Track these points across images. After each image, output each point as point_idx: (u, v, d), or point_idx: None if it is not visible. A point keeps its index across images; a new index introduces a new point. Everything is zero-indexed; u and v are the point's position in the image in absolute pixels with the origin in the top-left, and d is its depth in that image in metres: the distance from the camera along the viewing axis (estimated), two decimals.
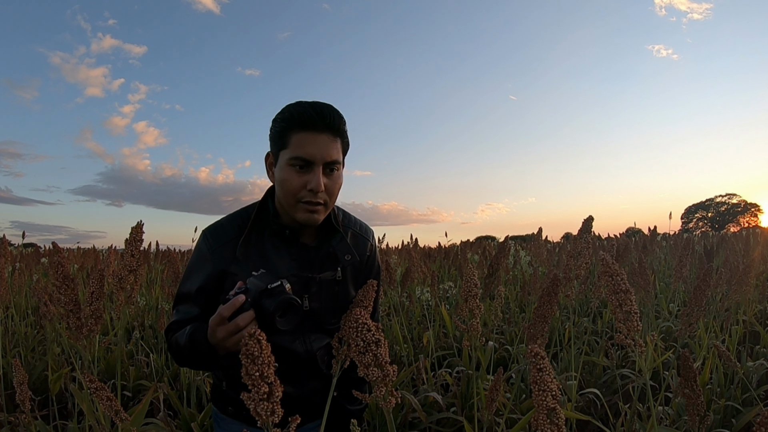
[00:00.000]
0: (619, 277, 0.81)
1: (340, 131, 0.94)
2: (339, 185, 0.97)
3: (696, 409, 1.16)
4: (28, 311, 3.32)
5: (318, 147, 0.91)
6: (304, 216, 0.94)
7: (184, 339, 0.91)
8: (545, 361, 0.54)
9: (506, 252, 2.12)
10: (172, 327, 0.99)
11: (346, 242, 1.04)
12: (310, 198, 0.92)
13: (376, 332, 0.65)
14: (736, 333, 2.22)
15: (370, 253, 1.12)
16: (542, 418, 0.53)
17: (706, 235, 9.62)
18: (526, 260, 4.04)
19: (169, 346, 0.98)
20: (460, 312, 1.07)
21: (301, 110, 0.91)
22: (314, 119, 0.90)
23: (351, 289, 1.07)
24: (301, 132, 0.91)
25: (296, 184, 0.92)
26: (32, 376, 2.24)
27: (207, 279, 0.97)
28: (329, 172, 0.94)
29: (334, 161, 0.93)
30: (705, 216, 41.71)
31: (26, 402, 1.23)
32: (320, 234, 1.03)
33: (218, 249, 0.97)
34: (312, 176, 0.91)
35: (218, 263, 0.97)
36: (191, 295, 0.98)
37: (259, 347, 0.52)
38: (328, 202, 0.95)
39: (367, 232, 1.13)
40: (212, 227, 1.02)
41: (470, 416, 1.77)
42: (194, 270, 1.00)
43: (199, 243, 1.02)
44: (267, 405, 0.53)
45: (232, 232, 0.99)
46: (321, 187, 0.91)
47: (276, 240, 0.99)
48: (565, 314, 2.81)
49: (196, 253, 1.02)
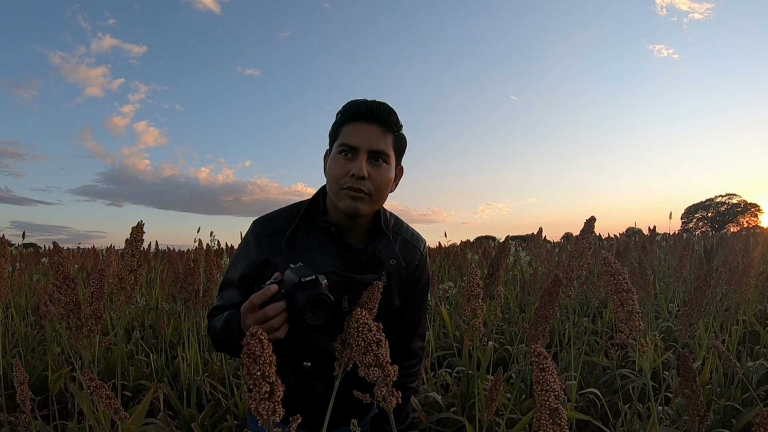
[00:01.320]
0: (620, 277, 0.81)
1: (390, 125, 0.95)
2: (387, 179, 0.96)
3: (696, 409, 1.16)
4: (28, 311, 3.32)
5: (364, 135, 0.93)
6: (345, 203, 0.93)
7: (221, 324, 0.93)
8: (548, 361, 0.54)
9: (506, 252, 2.12)
10: (214, 312, 1.00)
11: (392, 247, 1.02)
12: (353, 184, 0.91)
13: (377, 332, 0.65)
14: (736, 333, 2.22)
15: (419, 262, 1.09)
16: (545, 419, 0.53)
17: (706, 235, 9.63)
18: (526, 260, 4.04)
19: (209, 330, 1.00)
20: (462, 311, 1.06)
21: (354, 103, 0.95)
22: (363, 110, 0.93)
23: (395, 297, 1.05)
24: (352, 123, 0.94)
25: (341, 171, 0.93)
26: (32, 376, 2.24)
27: (250, 267, 0.99)
28: (375, 161, 0.94)
29: (380, 151, 0.93)
30: (705, 216, 41.73)
31: (26, 402, 1.23)
32: (368, 236, 1.02)
33: (264, 240, 0.99)
34: (356, 162, 0.92)
35: (262, 252, 0.98)
36: (234, 281, 1.00)
37: (260, 346, 0.52)
38: (372, 193, 0.94)
39: (419, 240, 1.11)
40: (261, 219, 1.03)
41: (470, 416, 1.77)
42: (239, 258, 1.02)
43: (247, 233, 1.04)
44: (268, 404, 0.53)
45: (281, 225, 1.00)
46: (363, 172, 0.90)
47: (322, 237, 0.99)
48: (565, 314, 2.82)
49: (243, 243, 1.04)
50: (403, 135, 1.00)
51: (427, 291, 1.14)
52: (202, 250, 2.73)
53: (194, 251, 3.03)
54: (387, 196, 1.00)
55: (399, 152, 1.00)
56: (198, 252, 2.86)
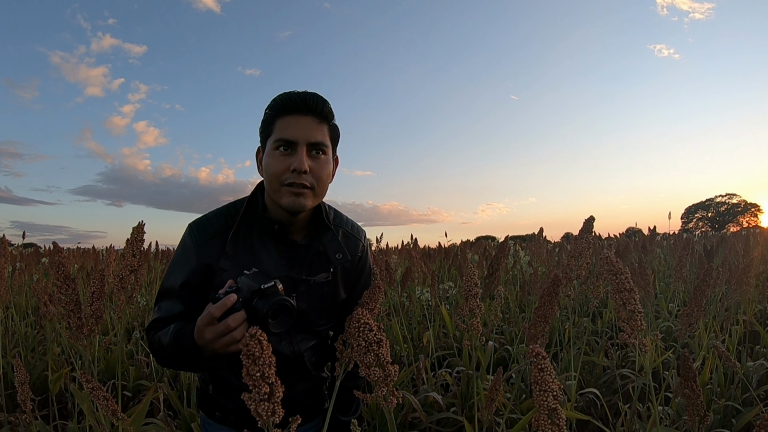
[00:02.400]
0: (623, 276, 0.81)
1: (324, 115, 0.93)
2: (327, 172, 0.95)
3: (696, 409, 1.16)
4: (28, 311, 3.32)
5: (301, 128, 0.91)
6: (288, 200, 0.91)
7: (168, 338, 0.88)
8: (546, 361, 0.54)
9: (506, 252, 2.12)
10: (154, 325, 0.95)
11: (337, 241, 1.02)
12: (294, 179, 0.90)
13: (378, 332, 0.65)
14: (736, 333, 2.22)
15: (362, 254, 1.09)
16: (543, 419, 0.54)
17: (706, 235, 9.63)
18: (525, 260, 4.04)
19: (151, 345, 0.95)
20: (461, 311, 1.07)
21: (285, 96, 0.92)
22: (297, 103, 0.91)
23: (341, 290, 1.05)
24: (286, 116, 0.92)
25: (280, 167, 0.90)
26: (32, 376, 2.23)
27: (191, 273, 0.94)
28: (315, 154, 0.92)
29: (319, 143, 0.92)
30: (705, 216, 41.71)
31: (27, 402, 1.23)
32: (311, 231, 1.01)
33: (204, 243, 0.95)
34: (295, 157, 0.90)
35: (204, 257, 0.94)
36: (174, 290, 0.95)
37: (260, 348, 0.52)
38: (315, 186, 0.92)
39: (359, 232, 1.10)
40: (198, 221, 0.99)
41: (470, 416, 1.77)
42: (178, 265, 0.96)
43: (184, 237, 0.98)
44: (268, 405, 0.53)
45: (220, 227, 0.96)
46: (304, 166, 0.89)
47: (265, 236, 0.97)
48: (565, 314, 2.81)
49: (181, 248, 0.98)
50: (336, 125, 0.98)
51: (371, 280, 1.13)
52: None
53: None
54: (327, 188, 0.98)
55: (335, 142, 0.99)
56: None
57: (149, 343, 0.96)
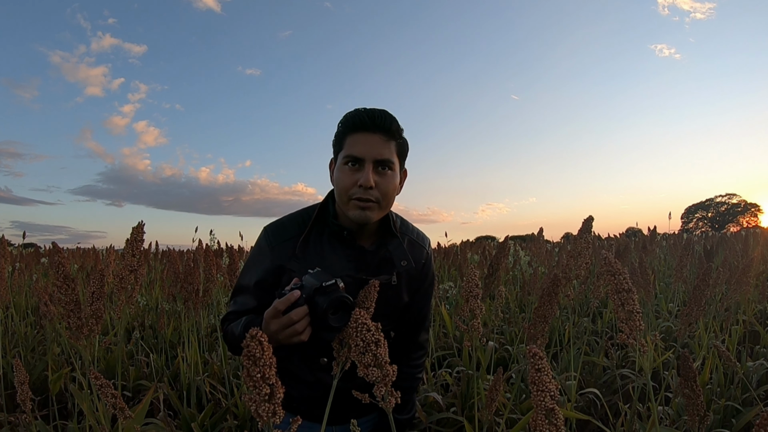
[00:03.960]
0: (621, 276, 0.81)
1: (391, 133, 0.97)
2: (393, 186, 0.99)
3: (696, 409, 1.16)
4: (28, 311, 3.33)
5: (369, 145, 0.95)
6: (356, 213, 0.96)
7: (240, 329, 0.95)
8: (544, 362, 0.54)
9: (506, 252, 2.12)
10: (229, 317, 1.02)
11: (403, 248, 1.06)
12: (361, 195, 0.95)
13: (376, 332, 0.65)
14: (736, 333, 2.22)
15: (426, 260, 1.14)
16: (541, 419, 0.54)
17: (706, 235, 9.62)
18: (525, 260, 4.04)
19: (224, 336, 1.02)
20: (461, 312, 1.07)
21: (355, 114, 0.97)
22: (365, 121, 0.96)
23: (404, 294, 1.08)
24: (355, 133, 0.97)
25: (348, 182, 0.96)
26: (32, 376, 2.24)
27: (265, 273, 1.00)
28: (381, 170, 0.97)
29: (385, 159, 0.96)
30: (705, 216, 41.71)
31: (27, 402, 1.23)
32: (378, 238, 1.06)
33: (278, 246, 1.01)
34: (362, 173, 0.95)
35: (277, 259, 1.00)
36: (249, 287, 1.02)
37: (260, 349, 0.52)
38: (381, 200, 0.97)
39: (424, 240, 1.15)
40: (273, 225, 1.06)
41: (470, 416, 1.77)
42: (253, 264, 1.03)
43: (260, 239, 1.05)
44: (268, 406, 0.53)
45: (293, 231, 1.02)
46: (370, 183, 0.93)
47: (334, 241, 1.02)
48: (565, 314, 2.81)
49: (257, 249, 1.06)
50: (405, 140, 1.03)
51: (433, 286, 1.19)
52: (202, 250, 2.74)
53: (194, 251, 3.04)
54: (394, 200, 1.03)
55: (402, 157, 1.03)
56: (198, 252, 2.86)
57: (223, 333, 1.03)
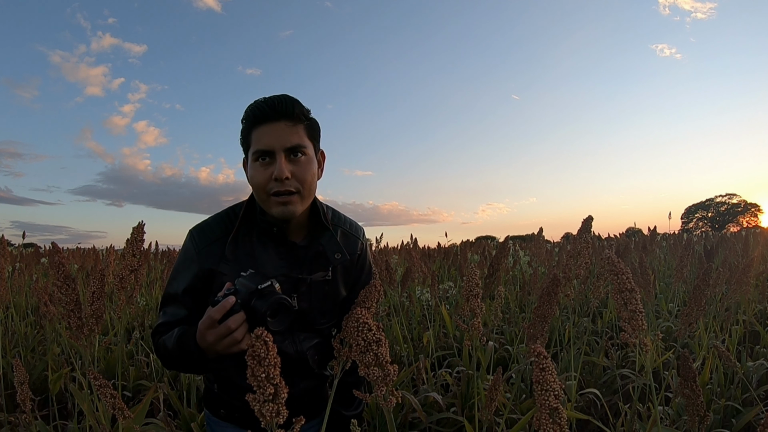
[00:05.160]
0: (624, 276, 0.81)
1: (297, 116, 0.92)
2: (311, 172, 0.94)
3: (696, 409, 1.16)
4: (28, 311, 3.32)
5: (275, 135, 0.90)
6: (278, 210, 0.92)
7: (172, 342, 0.89)
8: (548, 361, 0.54)
9: (506, 252, 2.12)
10: (159, 329, 0.96)
11: (335, 240, 1.02)
12: (278, 188, 0.90)
13: (377, 332, 0.65)
14: (736, 333, 2.22)
15: (361, 252, 1.09)
16: (545, 418, 0.54)
17: (706, 235, 9.63)
18: (525, 260, 4.04)
19: (157, 350, 0.96)
20: (462, 312, 1.07)
21: (255, 106, 0.92)
22: (266, 111, 0.91)
23: (341, 288, 1.05)
24: (259, 126, 0.92)
25: (262, 178, 0.91)
26: (32, 376, 2.23)
27: (194, 279, 0.95)
28: (294, 158, 0.92)
29: (295, 146, 0.91)
30: (705, 216, 41.73)
31: (26, 402, 1.23)
32: (309, 232, 1.01)
33: (205, 248, 0.96)
34: (275, 165, 0.90)
35: (205, 262, 0.95)
36: (178, 295, 0.96)
37: (265, 348, 0.52)
38: (301, 189, 0.92)
39: (358, 230, 1.11)
40: (198, 227, 1.00)
41: (470, 416, 1.77)
42: (180, 270, 0.98)
43: (186, 243, 1.00)
44: (272, 406, 0.53)
45: (219, 231, 0.97)
46: (284, 174, 0.89)
47: (264, 239, 0.97)
48: (565, 314, 2.81)
49: (183, 254, 1.00)
50: (314, 120, 0.97)
51: (371, 278, 1.13)
52: None
53: None
54: (316, 187, 0.98)
55: (314, 139, 0.98)
56: None
57: (155, 347, 0.97)
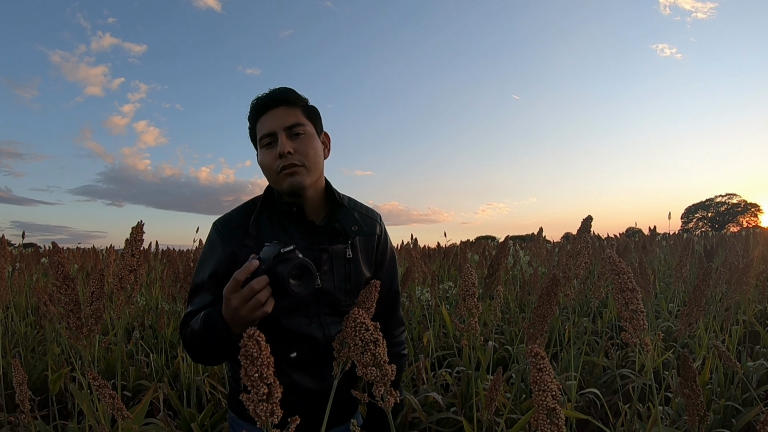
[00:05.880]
0: (625, 276, 0.81)
1: (293, 101, 0.99)
2: (313, 147, 0.99)
3: (696, 409, 1.16)
4: (28, 311, 3.32)
5: (275, 119, 0.97)
6: (286, 183, 0.96)
7: (199, 324, 0.88)
8: (545, 361, 0.54)
9: (506, 252, 2.12)
10: (186, 319, 0.95)
11: (352, 215, 1.05)
12: (284, 163, 0.95)
13: (375, 331, 0.65)
14: (736, 333, 2.21)
15: (381, 233, 1.12)
16: (542, 418, 0.53)
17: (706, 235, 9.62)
18: (525, 260, 4.04)
19: (183, 340, 0.95)
20: (459, 311, 1.07)
21: (255, 101, 1.00)
22: (265, 101, 0.99)
23: (363, 268, 1.06)
24: (260, 117, 1.00)
25: (270, 159, 0.97)
26: (32, 376, 2.24)
27: (218, 263, 0.98)
28: (294, 136, 0.98)
29: (293, 124, 0.97)
30: (705, 216, 41.72)
31: (26, 402, 1.23)
32: (327, 210, 1.05)
33: (227, 234, 1.00)
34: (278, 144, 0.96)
35: (228, 246, 0.98)
36: (204, 283, 0.98)
37: (258, 348, 0.52)
38: (305, 162, 0.97)
39: (374, 213, 1.14)
40: (221, 219, 1.05)
41: (470, 416, 1.77)
42: (205, 260, 1.01)
43: (210, 234, 1.04)
44: (266, 406, 0.53)
45: (241, 220, 1.02)
46: (286, 148, 0.95)
47: (284, 221, 1.01)
48: (565, 314, 2.81)
49: (207, 244, 1.04)
50: (313, 106, 1.04)
51: (395, 261, 1.17)
52: None
53: (194, 251, 3.03)
54: (322, 164, 1.03)
55: (314, 120, 1.03)
56: (198, 252, 2.86)
57: (182, 339, 0.96)
